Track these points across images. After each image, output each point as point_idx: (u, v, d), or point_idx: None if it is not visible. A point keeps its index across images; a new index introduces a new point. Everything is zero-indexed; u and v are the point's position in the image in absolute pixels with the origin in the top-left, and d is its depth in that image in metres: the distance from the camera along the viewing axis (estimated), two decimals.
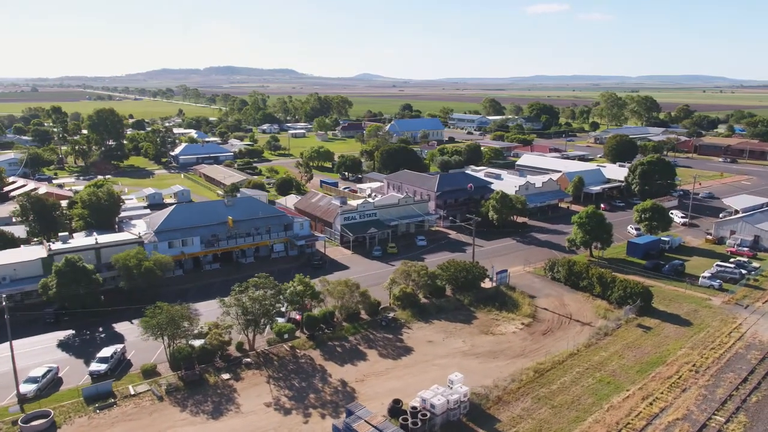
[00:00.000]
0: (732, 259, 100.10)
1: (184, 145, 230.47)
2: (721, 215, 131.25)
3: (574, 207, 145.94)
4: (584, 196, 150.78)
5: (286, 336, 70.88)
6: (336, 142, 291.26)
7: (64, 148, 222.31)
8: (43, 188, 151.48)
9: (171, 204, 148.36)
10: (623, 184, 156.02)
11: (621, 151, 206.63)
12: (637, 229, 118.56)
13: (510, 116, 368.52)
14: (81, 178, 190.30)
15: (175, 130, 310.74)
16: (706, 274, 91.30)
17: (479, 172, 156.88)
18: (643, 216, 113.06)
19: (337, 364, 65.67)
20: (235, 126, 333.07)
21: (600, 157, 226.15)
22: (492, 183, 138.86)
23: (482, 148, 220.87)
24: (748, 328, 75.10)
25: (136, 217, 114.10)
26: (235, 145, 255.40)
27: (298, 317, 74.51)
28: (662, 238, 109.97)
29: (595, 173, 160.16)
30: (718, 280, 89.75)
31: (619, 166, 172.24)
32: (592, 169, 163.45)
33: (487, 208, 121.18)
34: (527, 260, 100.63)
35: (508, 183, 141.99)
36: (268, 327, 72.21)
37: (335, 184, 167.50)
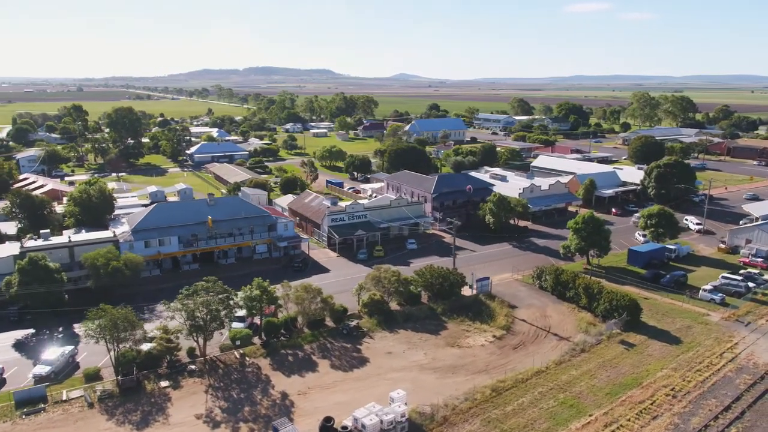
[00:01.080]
0: (742, 271, 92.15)
1: (200, 143, 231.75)
2: (741, 222, 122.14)
3: (582, 211, 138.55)
4: (596, 200, 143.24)
5: (239, 342, 67.95)
6: (356, 141, 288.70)
7: (85, 146, 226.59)
8: (50, 185, 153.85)
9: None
10: (639, 187, 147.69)
11: (646, 152, 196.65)
12: (644, 236, 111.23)
13: (537, 116, 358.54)
14: (95, 175, 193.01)
15: (199, 129, 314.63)
16: (707, 286, 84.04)
17: (485, 173, 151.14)
18: (648, 222, 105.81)
19: (284, 375, 62.24)
20: (259, 125, 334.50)
21: (625, 159, 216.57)
22: (494, 185, 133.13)
23: (499, 148, 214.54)
24: (744, 348, 68.12)
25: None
26: (254, 143, 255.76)
27: (259, 322, 71.59)
28: (668, 246, 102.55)
29: (609, 176, 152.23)
30: (720, 294, 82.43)
31: (638, 168, 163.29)
32: (606, 172, 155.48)
33: (485, 211, 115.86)
34: (516, 267, 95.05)
35: (512, 185, 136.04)
36: (225, 332, 69.67)
37: (341, 185, 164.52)
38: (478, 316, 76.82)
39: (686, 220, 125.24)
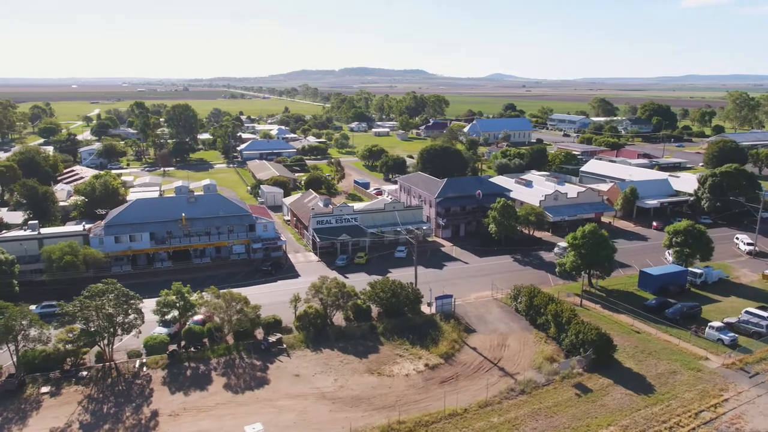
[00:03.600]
0: None
1: (250, 141, 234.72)
2: None
3: (619, 223, 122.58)
4: (638, 211, 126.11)
5: (148, 350, 63.63)
6: (414, 141, 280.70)
7: (147, 141, 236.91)
8: (89, 177, 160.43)
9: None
10: (693, 198, 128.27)
11: (723, 159, 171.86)
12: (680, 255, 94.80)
13: (617, 118, 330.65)
14: (145, 169, 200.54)
15: (266, 127, 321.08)
16: (716, 323, 68.55)
17: (514, 177, 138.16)
18: (674, 240, 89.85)
19: (170, 391, 56.94)
20: (323, 124, 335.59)
21: (701, 165, 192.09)
22: (512, 191, 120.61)
23: (554, 151, 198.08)
24: (733, 408, 53.77)
25: None
26: (309, 141, 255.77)
27: None
28: (693, 270, 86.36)
29: (659, 184, 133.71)
30: (732, 334, 66.90)
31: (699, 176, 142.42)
32: (657, 180, 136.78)
33: (489, 220, 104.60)
34: (505, 284, 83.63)
35: (536, 191, 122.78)
36: (140, 336, 65.85)
37: (367, 185, 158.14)
38: (420, 340, 67.35)
39: (737, 238, 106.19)
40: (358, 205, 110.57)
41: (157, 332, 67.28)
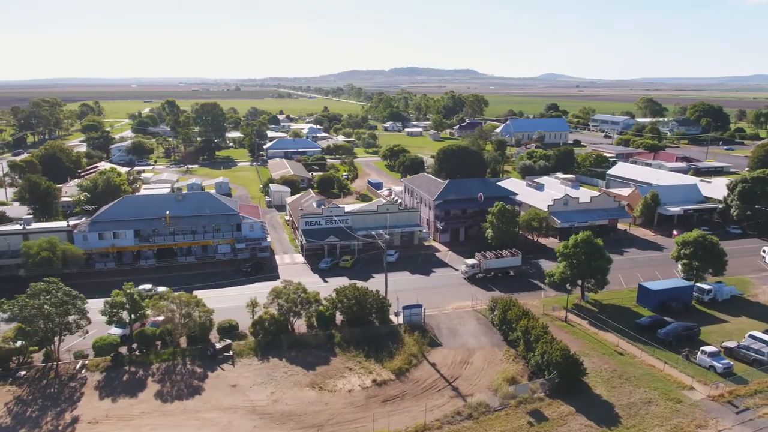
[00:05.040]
0: None
1: (276, 139, 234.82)
2: None
3: (637, 230, 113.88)
4: (660, 218, 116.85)
5: (94, 351, 61.95)
6: (447, 141, 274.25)
7: (177, 138, 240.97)
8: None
9: None
10: (722, 206, 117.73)
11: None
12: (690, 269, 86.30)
13: (662, 119, 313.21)
14: (170, 166, 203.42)
15: (298, 125, 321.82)
16: (709, 348, 60.85)
17: (524, 180, 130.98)
18: (682, 252, 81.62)
19: (99, 396, 54.82)
20: (357, 123, 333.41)
21: (747, 170, 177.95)
22: (518, 194, 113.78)
23: (584, 152, 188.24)
24: None
25: None
26: (336, 141, 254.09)
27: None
28: (701, 285, 78.07)
29: (687, 190, 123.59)
30: (726, 361, 59.19)
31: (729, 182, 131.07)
32: (685, 185, 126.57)
33: (487, 225, 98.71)
34: (476, 296, 78.05)
35: (547, 195, 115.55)
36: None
37: (380, 186, 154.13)
38: (377, 352, 62.88)
39: (764, 251, 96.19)
40: (350, 207, 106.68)
41: (111, 333, 65.74)
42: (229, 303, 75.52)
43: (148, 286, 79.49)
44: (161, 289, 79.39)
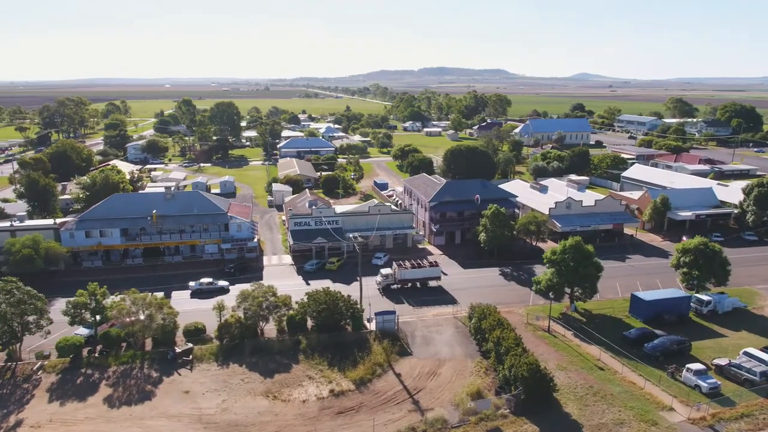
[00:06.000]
0: None
1: (290, 138, 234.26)
2: None
3: (644, 236, 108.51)
4: (671, 223, 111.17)
5: (47, 354, 60.95)
6: (466, 141, 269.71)
7: (193, 137, 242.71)
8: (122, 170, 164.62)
9: (215, 194, 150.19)
10: (738, 211, 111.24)
11: None
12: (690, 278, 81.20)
13: (690, 119, 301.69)
14: (183, 164, 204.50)
15: (316, 125, 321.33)
16: (695, 366, 56.24)
17: (528, 182, 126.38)
18: (682, 260, 76.64)
19: (48, 399, 53.57)
20: (377, 123, 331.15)
21: None
22: (518, 197, 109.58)
23: (601, 154, 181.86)
24: None
25: None
26: (351, 140, 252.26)
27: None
28: (700, 296, 73.08)
29: (700, 194, 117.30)
30: (713, 380, 54.58)
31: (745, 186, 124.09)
32: (699, 189, 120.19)
33: (480, 228, 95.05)
34: (458, 302, 74.59)
35: (549, 198, 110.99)
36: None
37: (385, 186, 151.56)
38: (341, 360, 60.21)
39: None
40: (341, 208, 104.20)
41: (78, 333, 64.78)
42: (205, 305, 73.89)
43: (208, 280, 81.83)
44: (222, 283, 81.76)
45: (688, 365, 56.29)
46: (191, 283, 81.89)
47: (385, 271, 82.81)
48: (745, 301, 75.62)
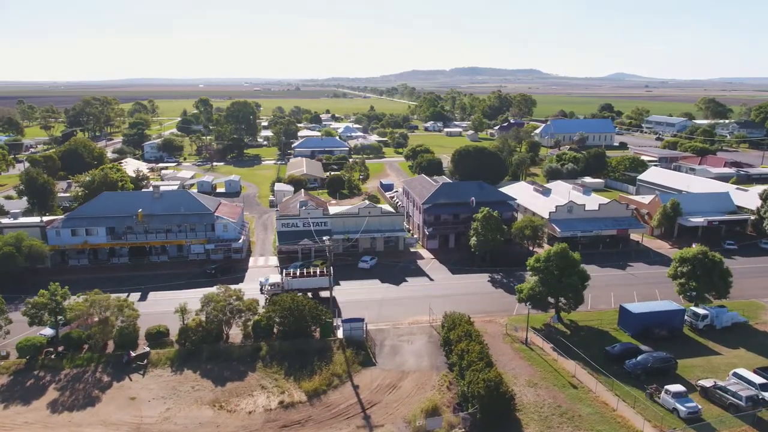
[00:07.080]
0: None
1: (305, 138, 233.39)
2: None
3: (651, 242, 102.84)
4: (682, 229, 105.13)
5: (4, 354, 60.07)
6: (485, 142, 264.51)
7: (210, 136, 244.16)
8: (132, 169, 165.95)
9: (220, 192, 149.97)
10: (754, 217, 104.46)
11: None
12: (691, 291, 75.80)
13: (722, 121, 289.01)
14: (197, 163, 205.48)
15: (338, 124, 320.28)
16: (674, 387, 51.53)
17: (531, 185, 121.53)
18: (680, 270, 71.48)
19: None
20: (397, 123, 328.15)
21: None
22: (516, 199, 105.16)
23: (620, 156, 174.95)
24: None
25: None
26: (368, 140, 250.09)
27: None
28: (695, 310, 67.92)
29: (715, 199, 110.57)
30: (692, 404, 49.85)
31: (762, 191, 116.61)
32: (715, 193, 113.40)
33: (472, 232, 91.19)
34: (433, 310, 70.93)
35: (551, 202, 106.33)
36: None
37: (391, 187, 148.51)
38: (299, 370, 57.52)
39: None
40: (333, 209, 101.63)
41: (42, 334, 63.89)
42: (176, 306, 72.15)
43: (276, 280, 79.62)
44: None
45: (666, 386, 51.69)
46: (261, 279, 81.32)
47: (272, 279, 79.35)
48: (747, 315, 70.02)
